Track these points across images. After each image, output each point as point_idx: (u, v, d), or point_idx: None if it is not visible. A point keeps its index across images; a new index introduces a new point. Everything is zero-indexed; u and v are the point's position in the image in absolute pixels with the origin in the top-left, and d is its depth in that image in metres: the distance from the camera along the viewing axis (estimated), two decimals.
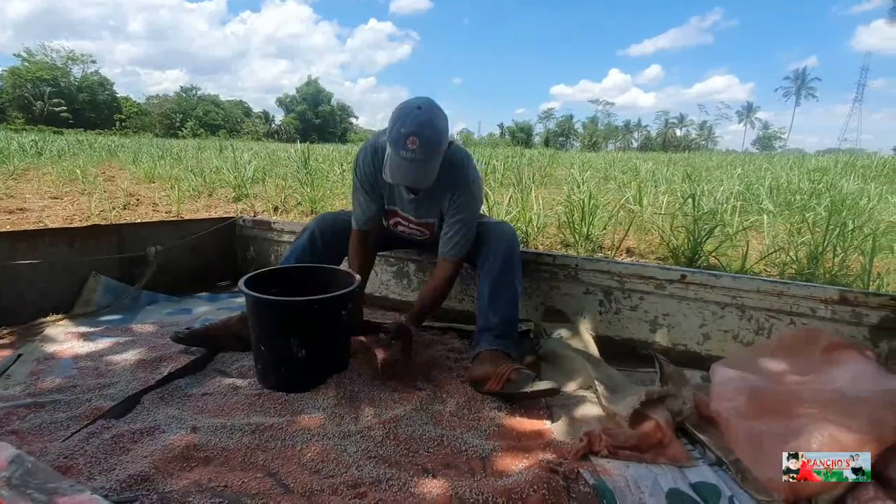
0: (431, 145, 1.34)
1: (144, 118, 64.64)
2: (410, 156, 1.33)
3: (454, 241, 1.56)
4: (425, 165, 1.36)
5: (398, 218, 1.68)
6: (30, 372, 1.41)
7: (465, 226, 1.56)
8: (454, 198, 1.55)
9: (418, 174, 1.37)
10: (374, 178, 1.58)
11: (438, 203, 1.59)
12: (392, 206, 1.65)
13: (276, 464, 1.05)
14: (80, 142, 15.91)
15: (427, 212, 1.62)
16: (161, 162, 9.01)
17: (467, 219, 1.56)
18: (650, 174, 8.14)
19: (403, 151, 1.33)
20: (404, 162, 1.34)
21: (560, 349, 1.64)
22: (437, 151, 1.36)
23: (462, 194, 1.54)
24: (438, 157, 1.39)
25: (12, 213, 4.77)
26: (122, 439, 1.10)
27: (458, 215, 1.55)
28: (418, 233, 1.70)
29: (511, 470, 1.08)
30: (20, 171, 7.89)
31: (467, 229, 1.57)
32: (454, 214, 1.56)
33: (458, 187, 1.54)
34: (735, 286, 1.61)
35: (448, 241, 1.57)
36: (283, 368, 1.35)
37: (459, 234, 1.56)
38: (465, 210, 1.55)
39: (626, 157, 15.52)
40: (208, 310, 2.06)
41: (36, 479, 0.45)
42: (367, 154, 1.58)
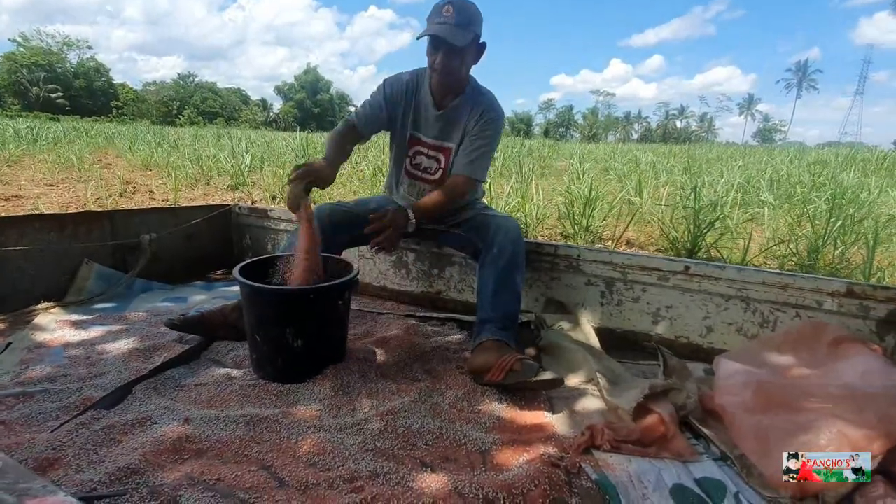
0: (466, 14, 1.43)
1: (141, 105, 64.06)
2: (444, 20, 1.42)
3: (473, 158, 1.60)
4: (459, 28, 1.42)
5: (419, 146, 1.69)
6: (19, 361, 1.38)
7: (486, 143, 1.60)
8: (480, 118, 1.59)
9: (451, 32, 1.42)
10: (402, 97, 1.63)
11: (462, 122, 1.62)
12: (416, 131, 1.67)
13: (270, 456, 1.03)
14: (76, 128, 15.76)
15: (449, 133, 1.64)
16: (158, 149, 8.92)
17: (487, 142, 1.60)
18: (650, 166, 8.10)
19: (438, 17, 1.43)
20: (439, 25, 1.42)
21: (561, 341, 1.62)
22: (470, 21, 1.44)
23: (488, 115, 1.59)
24: (471, 30, 1.44)
25: (7, 199, 4.71)
26: (112, 430, 1.07)
27: (479, 137, 1.59)
28: (434, 165, 1.70)
29: (511, 464, 1.05)
30: (15, 158, 7.81)
31: (487, 148, 1.61)
32: (476, 136, 1.59)
33: (486, 107, 1.60)
34: (740, 278, 1.58)
35: (466, 158, 1.60)
36: (278, 359, 1.32)
37: (478, 152, 1.60)
38: (487, 132, 1.60)
39: (626, 149, 15.45)
40: (203, 298, 2.02)
41: (6, 480, 0.42)
42: (404, 75, 1.65)
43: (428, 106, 1.63)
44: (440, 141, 1.66)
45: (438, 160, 1.69)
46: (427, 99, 1.63)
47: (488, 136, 1.60)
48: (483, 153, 1.61)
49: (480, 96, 1.62)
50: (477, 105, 1.61)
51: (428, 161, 1.70)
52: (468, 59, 1.54)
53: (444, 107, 1.61)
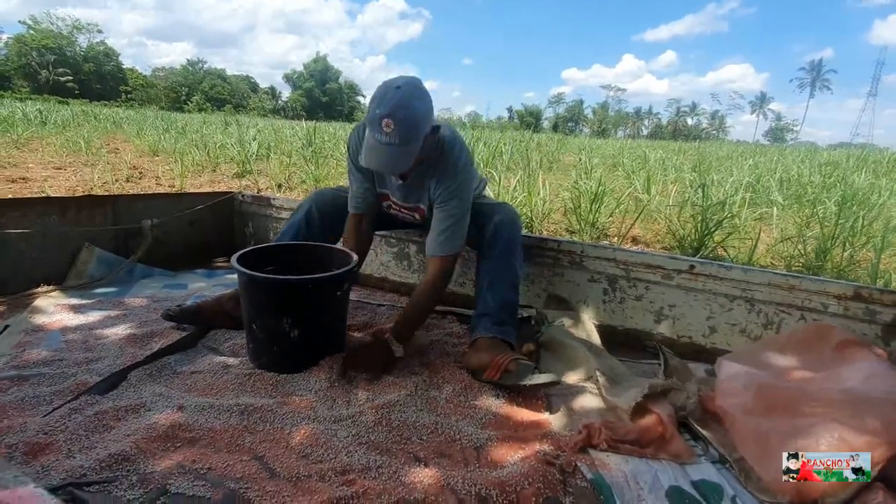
0: (408, 129, 1.23)
1: (150, 90, 64.12)
2: (385, 139, 1.23)
3: (442, 237, 1.44)
4: (400, 149, 1.24)
5: (390, 202, 1.60)
6: (16, 343, 1.38)
7: (452, 217, 1.43)
8: (439, 185, 1.43)
9: (391, 159, 1.26)
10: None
11: (427, 189, 1.48)
12: (383, 189, 1.57)
13: (263, 447, 1.02)
14: (84, 112, 15.78)
15: (416, 198, 1.52)
16: (166, 135, 8.92)
17: (455, 210, 1.43)
18: (659, 163, 8.02)
19: (378, 134, 1.23)
20: (379, 145, 1.24)
21: (561, 337, 1.60)
22: (413, 136, 1.25)
23: (449, 181, 1.42)
24: (416, 143, 1.26)
25: (14, 182, 4.73)
26: (105, 416, 1.07)
27: (445, 206, 1.43)
28: (410, 217, 1.63)
29: (506, 461, 1.04)
30: (24, 141, 7.84)
31: (455, 221, 1.43)
32: (441, 205, 1.43)
33: (445, 174, 1.42)
34: (745, 279, 1.55)
35: (435, 237, 1.44)
36: (275, 348, 1.31)
37: (447, 228, 1.43)
38: (452, 199, 1.42)
39: (636, 145, 15.32)
40: (204, 285, 2.02)
41: None
42: (360, 133, 1.46)
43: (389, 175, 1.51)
44: (410, 203, 1.56)
45: (414, 214, 1.60)
46: None
47: (455, 206, 1.44)
48: (453, 226, 1.44)
49: (441, 159, 1.43)
50: (436, 173, 1.44)
51: (403, 214, 1.63)
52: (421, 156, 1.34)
53: (406, 177, 1.48)
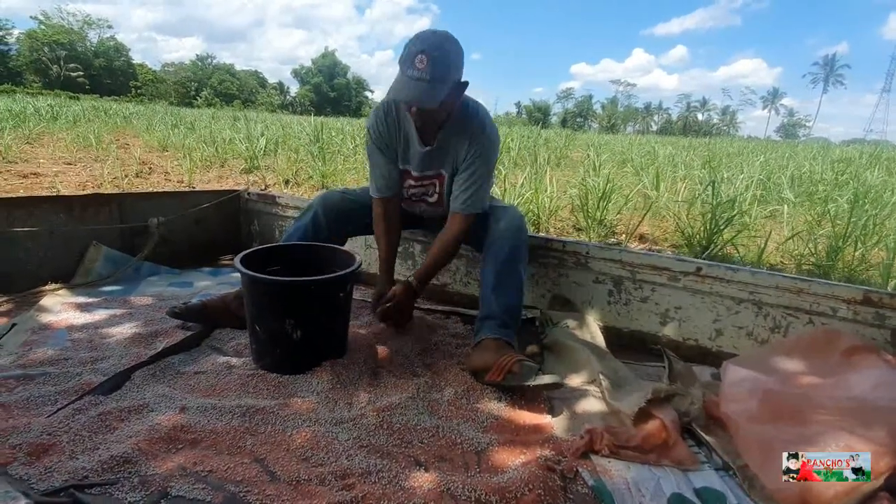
0: (440, 66, 1.27)
1: (160, 86, 64.53)
2: (417, 74, 1.26)
3: (468, 195, 1.50)
4: (431, 85, 1.27)
5: (410, 179, 1.62)
6: (23, 342, 1.39)
7: (479, 178, 1.50)
8: (469, 147, 1.49)
9: (421, 92, 1.28)
10: (389, 136, 1.55)
11: (452, 154, 1.52)
12: (405, 165, 1.59)
13: (264, 449, 1.02)
14: (95, 108, 15.92)
15: (440, 163, 1.55)
16: (175, 131, 8.98)
17: (483, 169, 1.50)
18: (669, 159, 7.95)
19: (411, 70, 1.27)
20: (410, 80, 1.28)
21: (565, 339, 1.59)
22: (445, 75, 1.29)
23: (478, 143, 1.48)
24: (446, 83, 1.30)
25: (26, 177, 4.78)
26: (108, 417, 1.07)
27: (472, 167, 1.49)
28: (429, 191, 1.63)
29: (507, 466, 1.03)
30: (35, 136, 7.91)
31: (482, 183, 1.51)
32: (468, 166, 1.49)
33: (474, 136, 1.48)
34: (753, 281, 1.53)
35: (461, 195, 1.51)
36: (277, 349, 1.32)
37: (473, 186, 1.49)
38: (480, 161, 1.49)
39: (645, 141, 15.19)
40: (209, 284, 2.03)
41: None
42: (381, 111, 1.54)
43: (413, 141, 1.53)
44: (432, 171, 1.58)
45: (434, 186, 1.62)
46: (411, 132, 1.52)
47: (481, 166, 1.49)
48: (479, 186, 1.50)
49: (468, 121, 1.49)
50: (465, 134, 1.48)
51: (422, 189, 1.64)
52: (447, 105, 1.40)
53: (431, 139, 1.51)
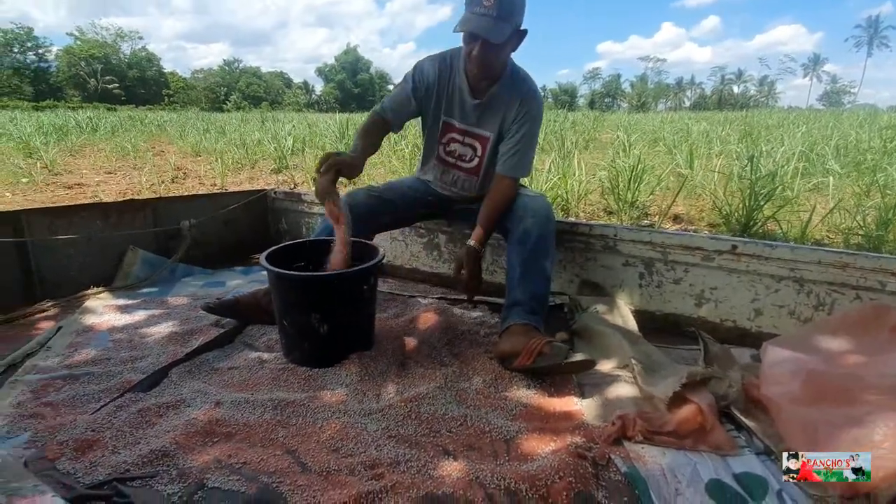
0: (506, 4, 1.32)
1: (190, 92, 66.48)
2: (483, 11, 1.32)
3: (517, 158, 1.54)
4: (497, 21, 1.33)
5: (453, 133, 1.62)
6: (68, 344, 1.46)
7: (528, 140, 1.54)
8: (521, 107, 1.52)
9: (489, 27, 1.33)
10: (438, 83, 1.56)
11: (502, 111, 1.55)
12: (449, 117, 1.60)
13: (295, 441, 1.04)
14: (131, 118, 16.53)
15: (488, 121, 1.57)
16: (206, 135, 9.23)
17: (531, 132, 1.54)
18: (703, 135, 7.67)
19: (478, 7, 1.33)
20: (476, 16, 1.33)
21: (595, 324, 1.56)
22: (511, 13, 1.34)
23: (529, 105, 1.52)
24: (511, 23, 1.35)
25: (70, 188, 5.01)
26: (148, 413, 1.11)
27: (521, 129, 1.53)
28: (469, 152, 1.63)
29: (536, 454, 1.02)
30: (77, 148, 8.28)
31: (530, 145, 1.55)
32: (518, 129, 1.53)
33: (526, 96, 1.53)
34: (793, 257, 1.46)
35: (509, 157, 1.54)
36: (305, 343, 1.34)
37: (523, 148, 1.53)
38: (529, 123, 1.53)
39: (678, 118, 14.69)
40: (241, 282, 2.08)
41: (0, 478, 0.42)
42: (437, 57, 1.58)
43: (464, 93, 1.55)
44: (477, 129, 1.59)
45: (474, 148, 1.62)
46: (463, 85, 1.55)
47: (530, 129, 1.54)
48: (527, 149, 1.55)
49: (519, 83, 1.54)
50: (516, 93, 1.53)
51: (463, 148, 1.64)
52: (507, 50, 1.46)
53: (481, 95, 1.54)
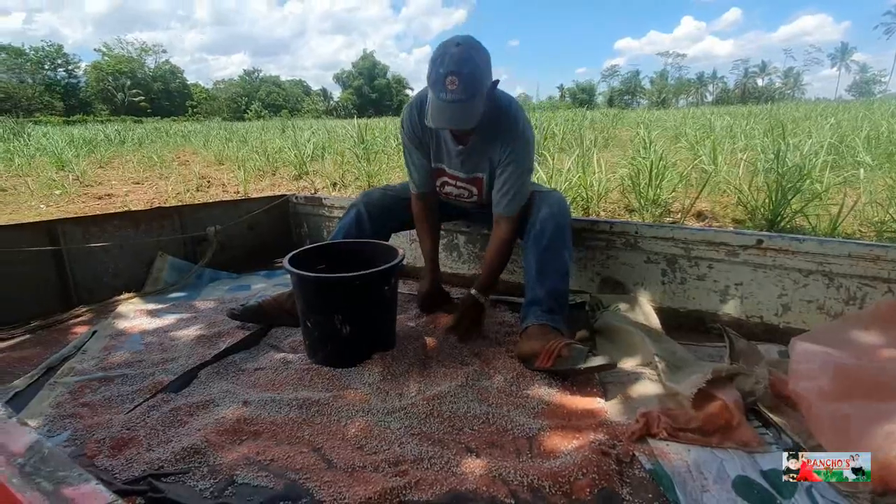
0: (472, 83, 1.27)
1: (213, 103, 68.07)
2: (451, 97, 1.27)
3: (509, 196, 1.49)
4: (467, 105, 1.28)
5: (445, 178, 1.62)
6: (102, 347, 1.52)
7: (519, 178, 1.48)
8: (504, 147, 1.47)
9: (460, 115, 1.31)
10: (422, 133, 1.54)
11: (488, 154, 1.51)
12: (439, 163, 1.59)
13: (321, 439, 1.06)
14: (157, 129, 17.00)
15: (475, 165, 1.54)
16: (229, 144, 9.43)
17: (520, 169, 1.48)
18: (726, 130, 7.51)
19: (443, 93, 1.27)
20: (445, 104, 1.29)
21: (617, 322, 1.54)
22: (478, 90, 1.29)
23: (513, 142, 1.46)
24: (481, 97, 1.31)
25: (101, 198, 5.19)
26: (179, 412, 1.15)
27: (510, 167, 1.47)
28: (466, 193, 1.63)
29: (559, 451, 1.02)
30: (106, 160, 8.56)
31: (522, 181, 1.49)
32: (506, 166, 1.48)
33: (508, 134, 1.46)
34: (821, 251, 1.42)
35: (503, 197, 1.50)
36: (328, 344, 1.36)
37: (513, 188, 1.48)
38: (517, 159, 1.47)
39: (699, 113, 14.42)
40: (265, 286, 2.12)
41: (48, 467, 0.45)
42: (413, 109, 1.53)
43: (447, 140, 1.53)
44: (468, 174, 1.57)
45: (470, 190, 1.61)
46: (445, 133, 1.52)
47: (518, 168, 1.47)
48: (518, 186, 1.49)
49: (500, 120, 1.46)
50: (498, 132, 1.46)
51: (458, 191, 1.63)
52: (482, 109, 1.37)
53: (465, 142, 1.51)
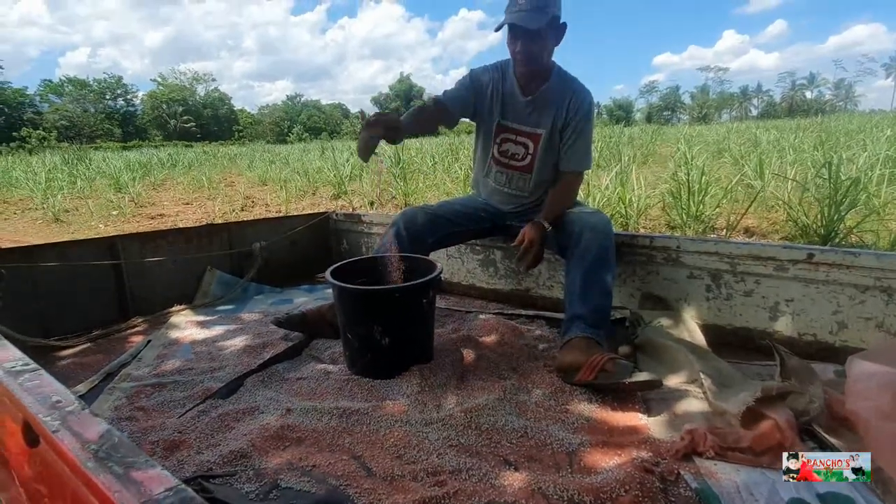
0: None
1: (258, 127, 71.15)
2: (518, 7, 1.44)
3: (574, 151, 1.63)
4: (534, 13, 1.43)
5: (506, 133, 1.70)
6: (156, 355, 1.60)
7: (583, 134, 1.63)
8: (572, 104, 1.60)
9: (524, 17, 1.44)
10: (492, 86, 1.65)
11: (553, 110, 1.62)
12: (503, 119, 1.68)
13: (360, 447, 1.08)
14: (205, 153, 17.89)
15: (539, 119, 1.64)
16: (272, 166, 9.83)
17: (585, 127, 1.62)
18: (773, 144, 7.27)
19: (514, 6, 1.45)
20: (513, 14, 1.45)
21: (660, 338, 1.51)
22: (545, 4, 1.44)
23: (578, 99, 1.61)
24: (545, 13, 1.45)
25: (154, 218, 5.50)
26: (226, 418, 1.20)
27: (575, 125, 1.61)
28: (522, 151, 1.70)
29: (600, 467, 1.00)
30: (159, 182, 9.07)
31: (585, 139, 1.64)
32: (572, 125, 1.61)
33: (574, 91, 1.61)
34: (879, 265, 1.35)
35: (568, 152, 1.64)
36: (368, 355, 1.39)
37: (581, 144, 1.62)
38: (582, 116, 1.61)
39: (744, 128, 14.03)
40: (307, 300, 2.18)
41: (118, 454, 0.48)
42: (489, 69, 1.68)
43: (515, 93, 1.64)
44: (530, 127, 1.67)
45: (527, 146, 1.69)
46: (513, 87, 1.64)
47: (584, 124, 1.62)
48: (585, 143, 1.64)
49: (567, 81, 1.63)
50: (566, 91, 1.62)
51: (515, 147, 1.71)
52: (549, 43, 1.54)
53: (532, 93, 1.62)
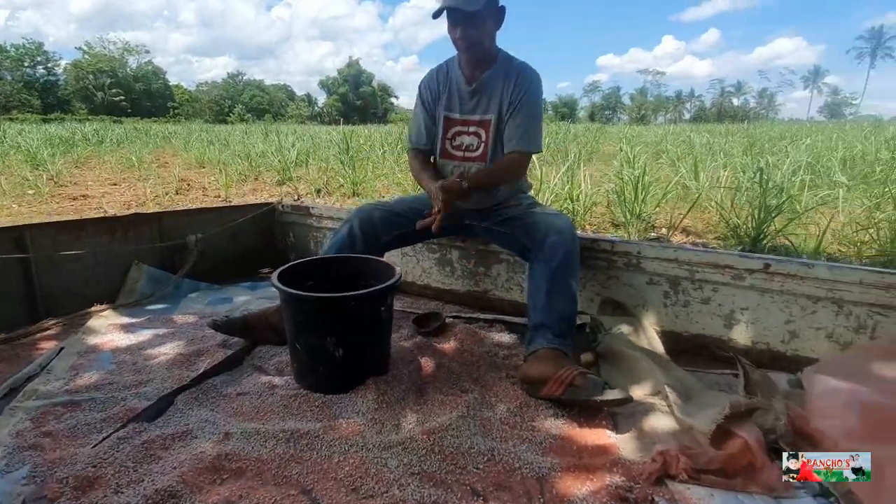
0: None
1: (195, 105, 67.11)
2: None
3: (523, 129, 1.54)
4: None
5: (457, 126, 1.64)
6: (70, 366, 1.39)
7: (533, 118, 1.55)
8: (517, 85, 1.54)
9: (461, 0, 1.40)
10: (438, 88, 1.64)
11: (498, 94, 1.56)
12: (449, 111, 1.64)
13: (311, 479, 0.96)
14: (136, 130, 16.62)
15: (486, 106, 1.59)
16: (210, 147, 9.22)
17: (531, 109, 1.55)
18: (706, 147, 7.64)
19: None
20: None
21: (621, 346, 1.48)
22: None
23: (522, 81, 1.54)
24: None
25: (76, 199, 4.98)
26: (152, 445, 1.04)
27: (524, 108, 1.54)
28: (476, 142, 1.63)
29: (573, 494, 0.94)
30: (83, 160, 8.28)
31: (534, 118, 1.56)
32: (518, 105, 1.54)
33: (518, 73, 1.55)
34: (831, 277, 1.38)
35: (514, 133, 1.55)
36: (319, 368, 1.26)
37: (527, 121, 1.54)
38: (526, 98, 1.54)
39: (679, 130, 14.71)
40: (249, 299, 2.01)
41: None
42: (434, 69, 1.67)
43: (460, 84, 1.61)
44: (478, 115, 1.61)
45: (479, 135, 1.62)
46: (458, 78, 1.61)
47: (531, 102, 1.55)
48: (532, 121, 1.56)
49: (511, 64, 1.58)
50: (510, 72, 1.57)
51: (469, 139, 1.64)
52: (489, 26, 1.51)
53: (476, 80, 1.58)
